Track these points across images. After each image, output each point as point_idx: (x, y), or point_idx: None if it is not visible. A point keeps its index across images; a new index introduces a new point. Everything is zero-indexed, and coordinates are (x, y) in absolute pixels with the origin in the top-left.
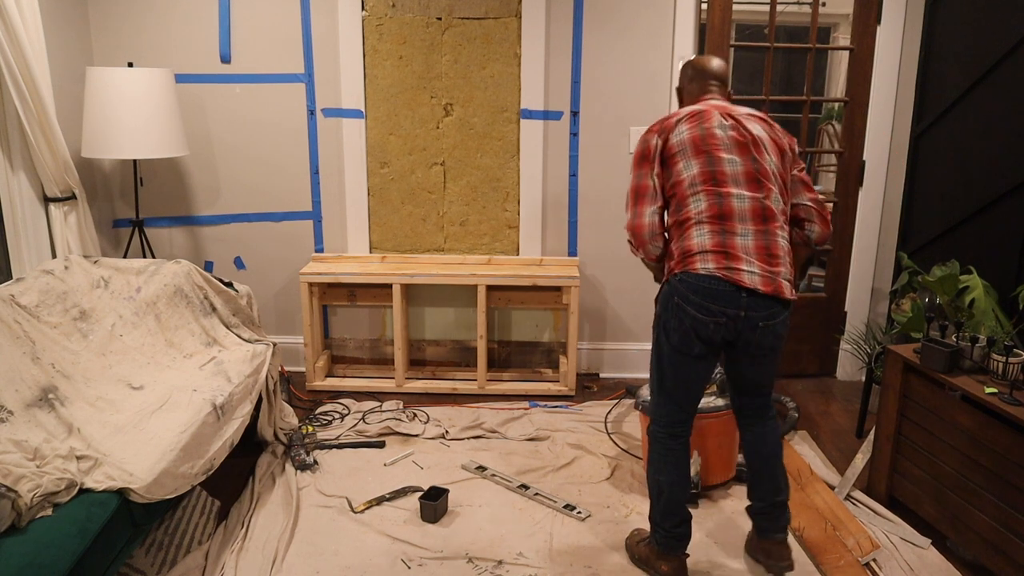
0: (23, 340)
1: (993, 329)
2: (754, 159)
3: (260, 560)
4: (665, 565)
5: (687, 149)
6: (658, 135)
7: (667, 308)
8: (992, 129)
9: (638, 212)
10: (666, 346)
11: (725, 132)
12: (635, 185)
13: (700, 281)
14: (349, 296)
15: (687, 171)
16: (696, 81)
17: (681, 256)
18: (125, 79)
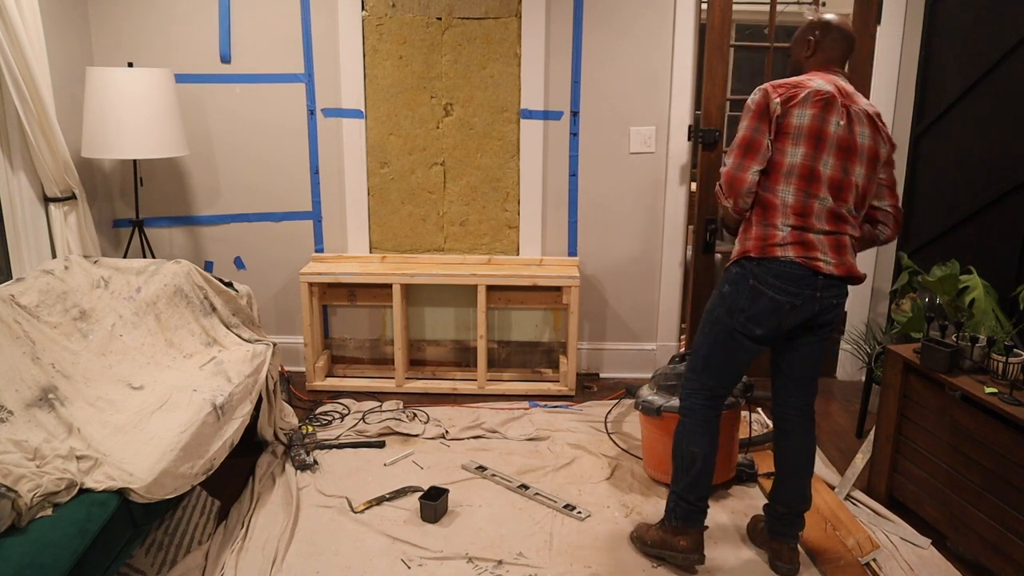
0: (23, 340)
1: (993, 329)
2: (846, 169)
3: (260, 560)
4: (684, 540)
5: (802, 134)
6: (782, 101)
7: (740, 289)
8: (992, 129)
9: (744, 165)
10: (727, 325)
11: (837, 131)
12: (748, 137)
13: (781, 266)
14: (349, 296)
15: (791, 156)
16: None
17: (761, 242)
18: (125, 79)
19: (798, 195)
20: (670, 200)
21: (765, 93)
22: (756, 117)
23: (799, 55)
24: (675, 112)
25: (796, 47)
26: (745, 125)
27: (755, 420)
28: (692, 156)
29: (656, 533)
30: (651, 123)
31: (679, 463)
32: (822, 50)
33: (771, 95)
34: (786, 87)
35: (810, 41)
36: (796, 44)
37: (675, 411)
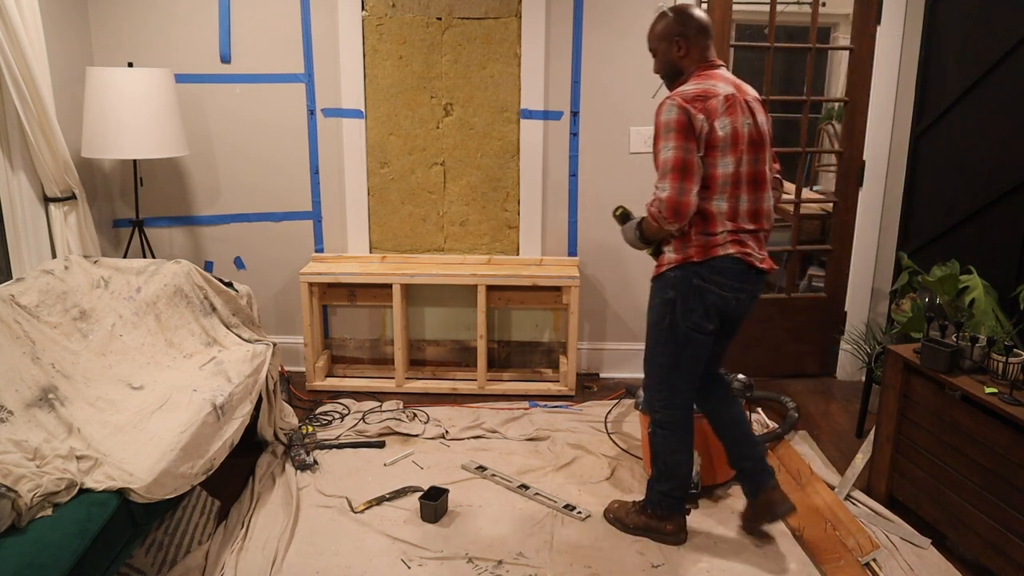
0: (23, 340)
1: (993, 329)
2: (757, 160)
3: (260, 560)
4: (671, 524)
5: (727, 146)
6: (703, 117)
7: (686, 291)
8: (992, 129)
9: (686, 188)
10: (683, 328)
11: (747, 130)
12: (682, 159)
13: (723, 263)
14: (349, 296)
15: (723, 167)
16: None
17: (703, 248)
18: (125, 79)
19: (730, 201)
20: None
21: (684, 110)
22: (683, 136)
23: (672, 56)
24: None
25: (665, 49)
26: (673, 146)
27: (755, 420)
28: None
29: (641, 518)
30: (651, 123)
31: (663, 469)
32: (695, 45)
33: (692, 112)
34: (699, 100)
35: (678, 41)
36: (663, 46)
37: None
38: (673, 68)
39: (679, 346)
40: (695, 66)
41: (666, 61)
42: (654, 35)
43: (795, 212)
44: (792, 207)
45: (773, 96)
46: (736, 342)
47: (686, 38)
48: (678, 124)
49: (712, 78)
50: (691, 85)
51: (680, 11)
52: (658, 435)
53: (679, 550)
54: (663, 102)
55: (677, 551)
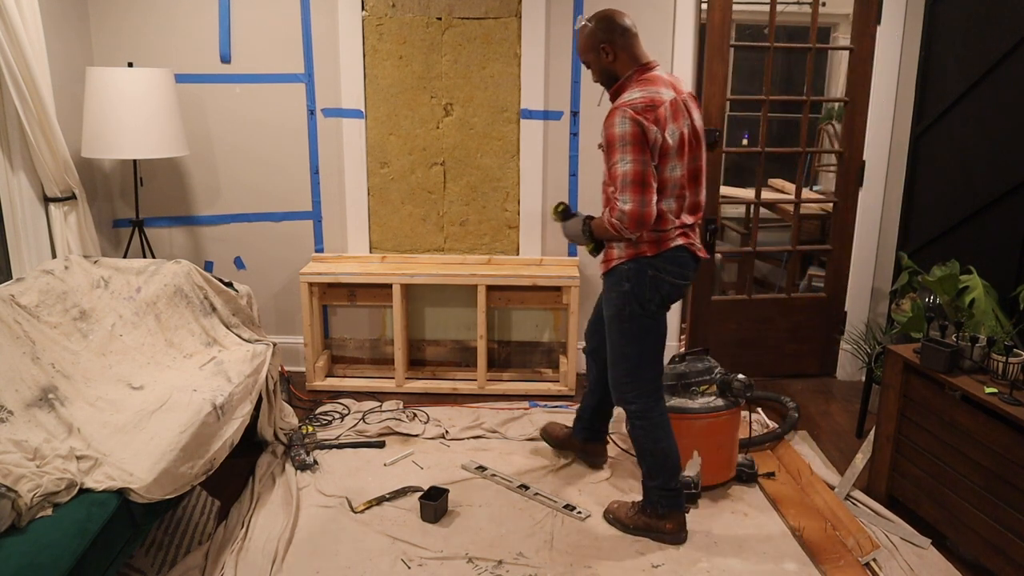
0: (23, 340)
1: (993, 329)
2: (696, 157)
3: (260, 560)
4: (671, 523)
5: (675, 152)
6: (656, 128)
7: (640, 282)
8: (992, 129)
9: (647, 200)
10: (642, 316)
11: (688, 131)
12: (641, 171)
13: (674, 253)
14: (349, 296)
15: (672, 171)
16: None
17: (656, 244)
18: (125, 79)
19: (677, 201)
20: None
21: (638, 123)
22: (639, 149)
23: (604, 64)
24: None
25: (595, 58)
26: (631, 159)
27: (755, 420)
28: None
29: (642, 518)
30: None
31: (653, 461)
32: (622, 49)
33: (645, 124)
34: (648, 110)
35: (605, 48)
36: (592, 56)
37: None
38: (608, 74)
39: (641, 336)
40: (630, 69)
41: (600, 70)
42: (581, 48)
43: (795, 212)
44: (792, 207)
45: (773, 96)
46: (736, 342)
47: (611, 43)
48: (633, 137)
49: (653, 83)
50: (637, 92)
51: (600, 18)
52: (637, 427)
53: (679, 550)
54: (614, 112)
55: (677, 551)
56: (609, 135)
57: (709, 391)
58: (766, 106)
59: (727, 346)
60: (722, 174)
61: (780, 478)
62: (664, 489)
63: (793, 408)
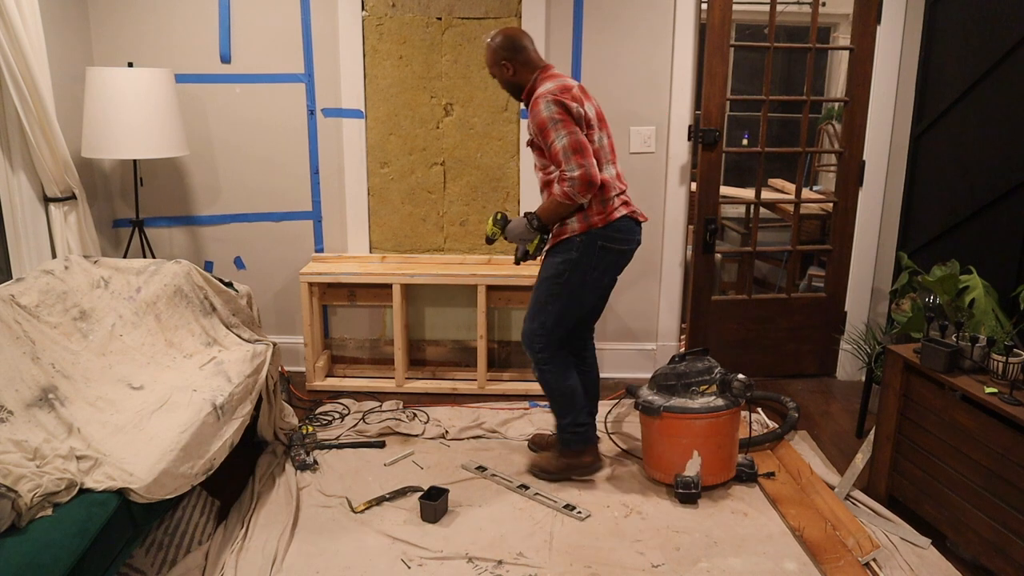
0: (23, 340)
1: (993, 329)
2: (606, 134)
3: (260, 560)
4: (587, 456)
5: (594, 124)
6: (576, 104)
7: (589, 252)
8: (992, 129)
9: (590, 162)
10: (579, 285)
11: (595, 110)
12: (577, 140)
13: (620, 223)
14: (349, 296)
15: (599, 140)
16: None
17: (604, 215)
18: (125, 79)
19: (609, 168)
20: (670, 200)
21: (562, 103)
22: (569, 123)
23: (507, 77)
24: (675, 112)
25: (499, 72)
26: (565, 132)
27: (755, 420)
28: (692, 156)
29: (560, 462)
30: (651, 123)
31: (561, 400)
32: (519, 61)
33: (568, 103)
34: (566, 92)
35: (506, 65)
36: (496, 70)
37: (675, 411)
38: (513, 85)
39: (566, 299)
40: (533, 74)
41: (504, 81)
42: (487, 62)
43: (795, 212)
44: (792, 207)
45: (773, 96)
46: (736, 342)
47: (510, 60)
48: (560, 114)
49: (556, 76)
50: (548, 84)
51: (501, 37)
52: (545, 372)
53: (679, 551)
54: (536, 101)
55: (677, 552)
56: (539, 121)
57: (709, 391)
58: (766, 106)
59: (727, 346)
60: (722, 174)
61: (780, 478)
62: (576, 425)
63: (793, 408)
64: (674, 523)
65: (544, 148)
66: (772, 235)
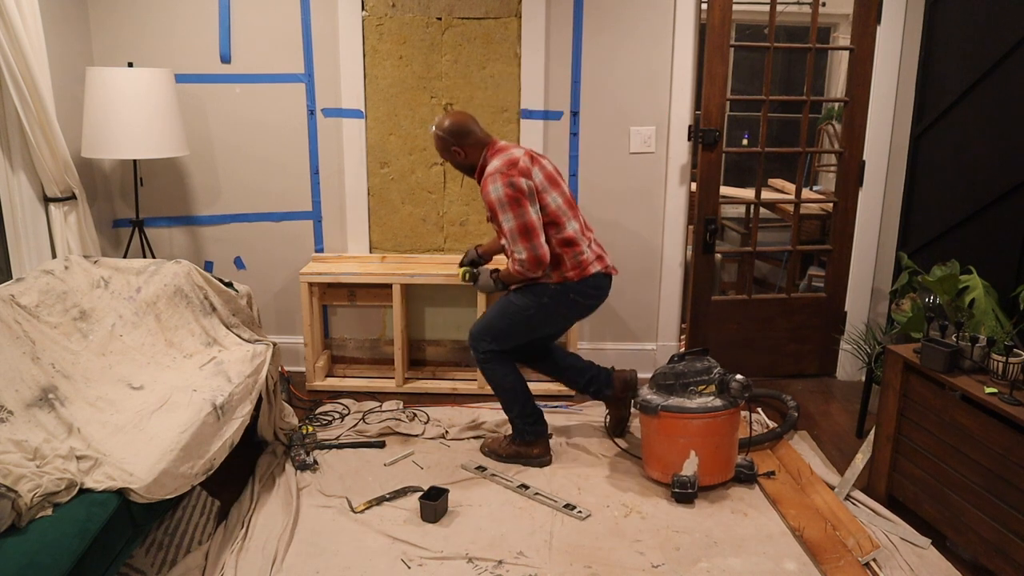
0: (23, 340)
1: (993, 329)
2: (564, 189)
3: (260, 560)
4: (536, 448)
5: (547, 186)
6: (524, 178)
7: (559, 302)
8: (992, 129)
9: (539, 243)
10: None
11: (550, 168)
12: (526, 222)
13: (595, 279)
14: (349, 296)
15: (555, 202)
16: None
17: (578, 269)
18: (125, 79)
19: (574, 220)
20: (670, 200)
21: (514, 183)
22: (515, 205)
23: (460, 160)
24: (675, 112)
25: (451, 157)
26: (512, 215)
27: (755, 420)
28: (692, 156)
29: (512, 448)
30: (651, 123)
31: (508, 395)
32: (468, 145)
33: (518, 182)
34: (514, 168)
35: (457, 151)
36: (447, 155)
37: (673, 411)
38: (465, 166)
39: (526, 329)
40: (480, 152)
41: (456, 164)
42: (437, 149)
43: (795, 212)
44: (792, 207)
45: (773, 96)
46: (736, 342)
47: (459, 144)
48: (507, 197)
49: (503, 149)
50: (495, 161)
51: (446, 122)
52: (487, 369)
53: (679, 551)
54: (485, 181)
55: (677, 552)
56: (488, 202)
57: (707, 391)
58: (766, 106)
59: (727, 346)
60: (722, 174)
61: (780, 478)
62: (524, 416)
63: (794, 407)
64: (674, 523)
65: (495, 224)
66: (772, 235)
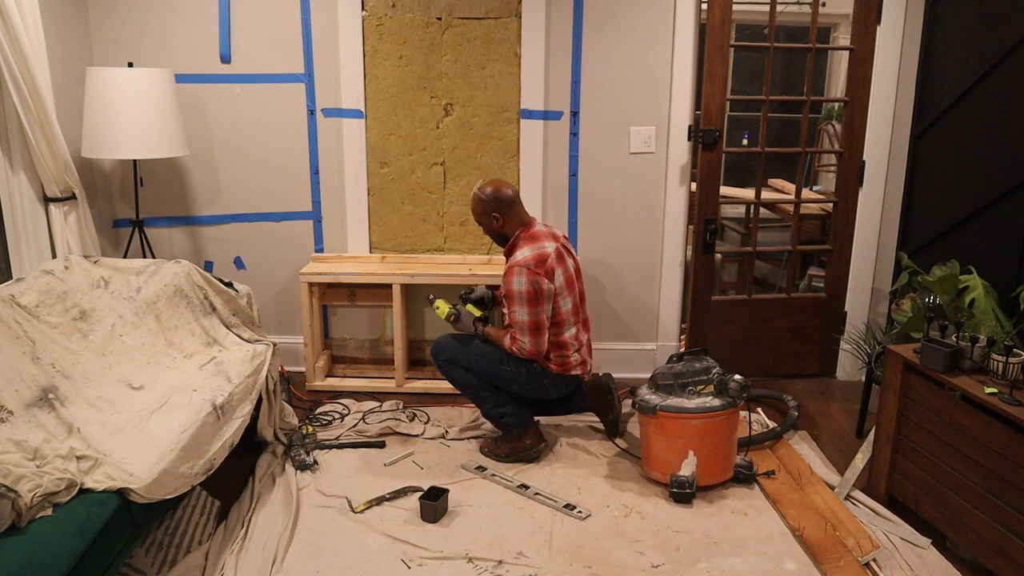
0: (23, 340)
1: (993, 329)
2: (580, 287)
3: (260, 560)
4: (528, 439)
5: (564, 290)
6: (547, 279)
7: (534, 378)
8: (992, 129)
9: (541, 341)
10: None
11: (572, 269)
12: (537, 321)
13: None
14: (349, 296)
15: (565, 306)
16: (514, 205)
17: (561, 367)
18: (125, 79)
19: (570, 329)
20: (670, 200)
21: (535, 279)
22: (533, 303)
23: (495, 227)
24: (675, 112)
25: (488, 222)
26: (528, 311)
27: (755, 420)
28: (692, 156)
29: (505, 446)
30: (651, 123)
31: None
32: (508, 215)
33: (541, 280)
34: (541, 267)
35: (496, 217)
36: (486, 221)
37: (671, 411)
38: (498, 234)
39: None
40: (517, 229)
41: (490, 231)
42: (475, 212)
43: (795, 212)
44: (792, 207)
45: (773, 96)
46: (736, 342)
47: (500, 212)
48: (528, 295)
49: (537, 239)
50: (527, 251)
51: (489, 188)
52: (447, 373)
53: (679, 551)
54: (511, 269)
55: (677, 552)
56: (508, 291)
57: (706, 391)
58: (766, 106)
59: (727, 346)
60: (722, 174)
61: (780, 478)
62: (498, 409)
63: (794, 407)
64: (674, 523)
65: (507, 309)
66: (772, 235)
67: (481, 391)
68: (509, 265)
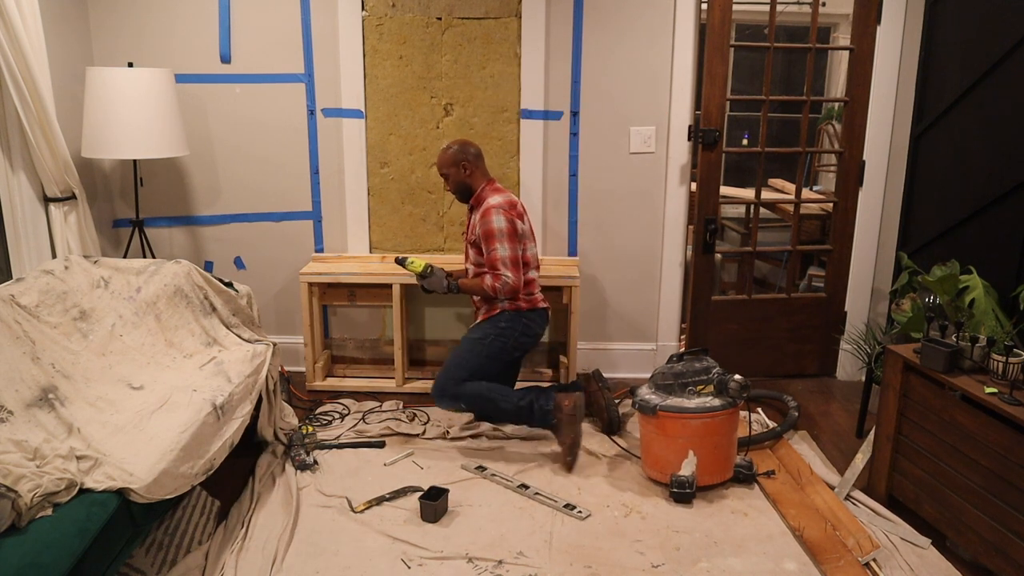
0: (23, 340)
1: (993, 329)
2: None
3: (260, 560)
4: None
5: (528, 236)
6: (520, 221)
7: (514, 327)
8: (992, 129)
9: (519, 276)
10: (501, 350)
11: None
12: (516, 256)
13: (540, 313)
14: (349, 296)
15: (531, 250)
16: (480, 160)
17: (529, 301)
18: (125, 79)
19: (532, 272)
20: (670, 200)
21: (509, 218)
22: (512, 239)
23: (463, 177)
24: (675, 112)
25: (456, 172)
26: (508, 247)
27: (755, 420)
28: (692, 156)
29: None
30: (651, 123)
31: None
32: (476, 167)
33: (515, 220)
34: (514, 210)
35: (465, 166)
36: (454, 172)
37: (671, 410)
38: (463, 185)
39: (492, 359)
40: (482, 182)
41: (457, 182)
42: (445, 163)
43: (795, 212)
44: (792, 207)
45: (773, 96)
46: (736, 342)
47: (467, 162)
48: (508, 230)
49: (502, 191)
50: (497, 197)
51: (460, 142)
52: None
53: (679, 551)
54: (489, 210)
55: (677, 552)
56: (488, 229)
57: (706, 391)
58: (766, 106)
59: (727, 346)
60: (722, 174)
61: (780, 478)
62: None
63: (794, 407)
64: (674, 523)
65: (485, 252)
66: (772, 235)
67: (491, 395)
68: (486, 207)
